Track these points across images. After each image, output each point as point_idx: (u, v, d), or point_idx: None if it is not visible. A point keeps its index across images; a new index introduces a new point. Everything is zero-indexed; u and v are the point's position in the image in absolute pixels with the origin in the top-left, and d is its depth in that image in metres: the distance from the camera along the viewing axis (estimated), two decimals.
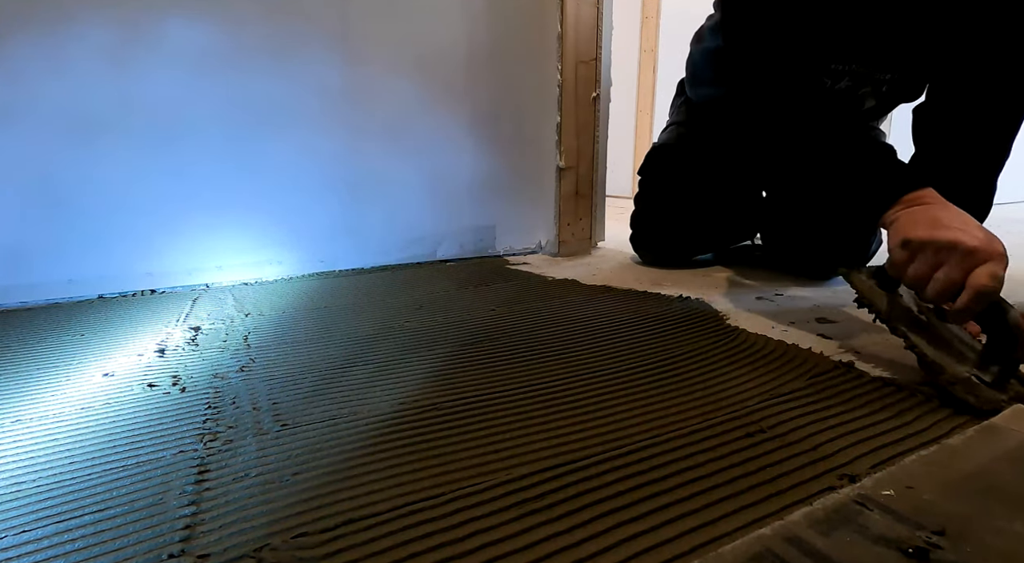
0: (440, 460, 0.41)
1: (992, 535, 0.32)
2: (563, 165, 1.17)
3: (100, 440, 0.45)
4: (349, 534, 0.33)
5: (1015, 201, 2.27)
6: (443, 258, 1.16)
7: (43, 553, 0.32)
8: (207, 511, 0.36)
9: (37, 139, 0.82)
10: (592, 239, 1.27)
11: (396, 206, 1.09)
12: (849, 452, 0.42)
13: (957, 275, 0.50)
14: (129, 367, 0.60)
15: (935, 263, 0.51)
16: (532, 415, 0.48)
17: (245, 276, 0.99)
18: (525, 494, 0.37)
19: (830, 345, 0.65)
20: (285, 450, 0.43)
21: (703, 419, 0.47)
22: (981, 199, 0.78)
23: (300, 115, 0.99)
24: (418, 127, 1.09)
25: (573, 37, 1.13)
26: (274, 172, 0.98)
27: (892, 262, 0.55)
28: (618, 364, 0.59)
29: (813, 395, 0.52)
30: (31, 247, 0.84)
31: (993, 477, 0.37)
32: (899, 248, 0.54)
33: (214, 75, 0.91)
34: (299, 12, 0.96)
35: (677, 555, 0.32)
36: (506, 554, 0.32)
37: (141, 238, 0.91)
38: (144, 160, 0.89)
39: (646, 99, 2.35)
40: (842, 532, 0.32)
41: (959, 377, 0.48)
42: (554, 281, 0.99)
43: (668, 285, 0.94)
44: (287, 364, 0.60)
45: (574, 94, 1.16)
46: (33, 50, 0.80)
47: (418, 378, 0.56)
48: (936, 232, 0.51)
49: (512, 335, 0.69)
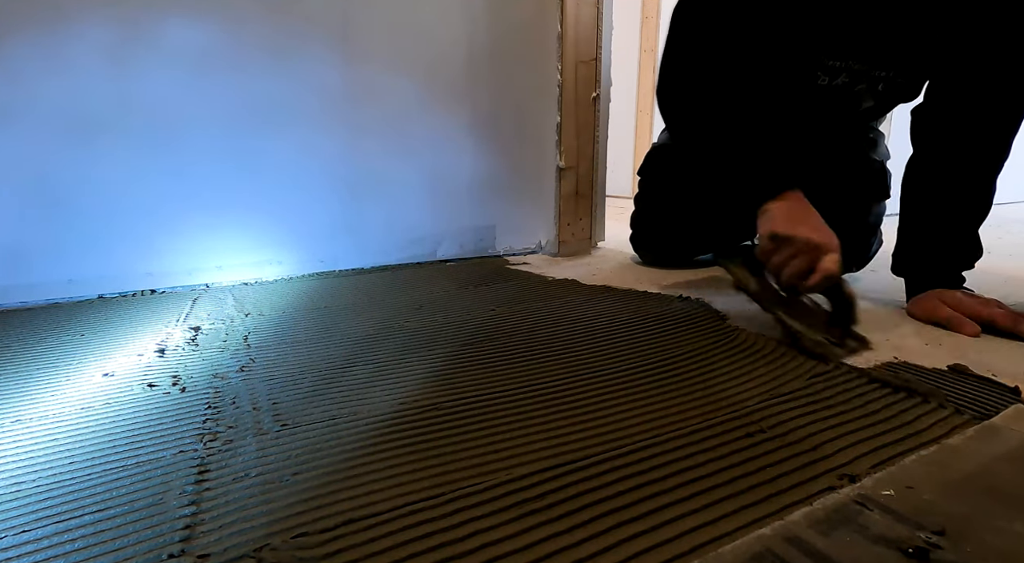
0: (440, 460, 0.41)
1: (992, 535, 0.32)
2: (563, 165, 1.17)
3: (100, 440, 0.45)
4: (349, 534, 0.33)
5: (1015, 201, 2.27)
6: (443, 258, 1.16)
7: (43, 553, 0.32)
8: (207, 511, 0.36)
9: (36, 139, 0.82)
10: (592, 239, 1.27)
11: (396, 206, 1.09)
12: (849, 452, 0.42)
13: (807, 264, 0.64)
14: (129, 367, 0.60)
15: (792, 253, 0.65)
16: (532, 415, 0.48)
17: (245, 276, 0.99)
18: (525, 494, 0.37)
19: None
20: (285, 450, 0.43)
21: (703, 419, 0.47)
22: (980, 199, 0.78)
23: (300, 115, 0.99)
24: (418, 127, 1.09)
25: (573, 37, 1.13)
26: (274, 172, 0.98)
27: (761, 250, 0.68)
28: (618, 364, 0.59)
29: (813, 395, 0.52)
30: (31, 247, 0.84)
31: (993, 477, 0.37)
32: (767, 239, 0.67)
33: (214, 74, 0.91)
34: (299, 12, 0.96)
35: (677, 555, 0.32)
36: (506, 554, 0.32)
37: (141, 238, 0.91)
38: (144, 160, 0.89)
39: (646, 99, 2.35)
40: (842, 532, 0.32)
41: (814, 339, 0.62)
42: (554, 281, 0.99)
43: (668, 285, 0.94)
44: (287, 364, 0.60)
45: (574, 94, 1.16)
46: (32, 49, 0.80)
47: (418, 378, 0.56)
48: (795, 229, 0.65)
49: (512, 335, 0.69)
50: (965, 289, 0.76)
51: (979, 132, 0.76)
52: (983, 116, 0.75)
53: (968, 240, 0.78)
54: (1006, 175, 0.79)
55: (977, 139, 0.76)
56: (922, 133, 0.81)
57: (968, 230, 0.78)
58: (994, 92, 0.74)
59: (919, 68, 0.82)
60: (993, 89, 0.74)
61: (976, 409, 0.48)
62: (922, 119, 0.81)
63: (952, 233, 0.77)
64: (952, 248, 0.78)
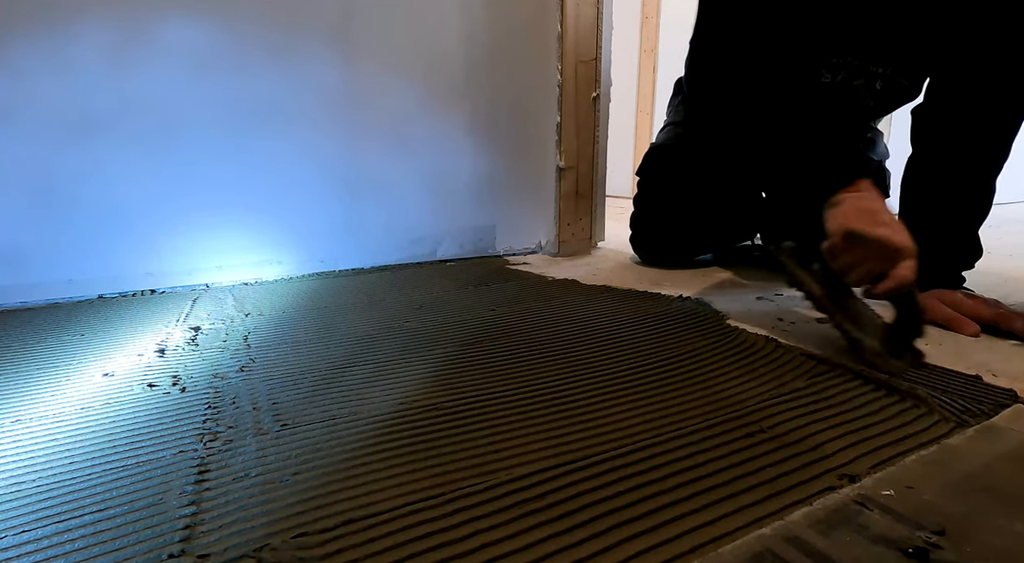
0: (440, 460, 0.41)
1: (992, 535, 0.32)
2: (563, 165, 1.17)
3: (100, 440, 0.45)
4: (349, 534, 0.33)
5: (1015, 201, 2.27)
6: (443, 258, 1.16)
7: (43, 553, 0.32)
8: (207, 511, 0.36)
9: (37, 138, 0.82)
10: (592, 239, 1.27)
11: (396, 206, 1.09)
12: (849, 452, 0.42)
13: (880, 268, 0.59)
14: (129, 367, 0.60)
15: (865, 254, 0.59)
16: (532, 415, 0.48)
17: (245, 276, 0.99)
18: (525, 494, 0.37)
19: (830, 345, 0.65)
20: (285, 450, 0.43)
21: (703, 419, 0.47)
22: (980, 199, 0.78)
23: (300, 115, 0.99)
24: (418, 127, 1.09)
25: (573, 37, 1.13)
26: (274, 172, 0.98)
27: (831, 246, 0.62)
28: (618, 364, 0.59)
29: (813, 395, 0.52)
30: (31, 247, 0.84)
31: (993, 477, 0.37)
32: (841, 237, 0.60)
33: (214, 74, 0.91)
34: (300, 12, 0.96)
35: (677, 555, 0.32)
36: (506, 554, 0.32)
37: (141, 238, 0.91)
38: (144, 160, 0.89)
39: (646, 99, 2.35)
40: (842, 532, 0.32)
41: (875, 351, 0.59)
42: (554, 281, 0.99)
43: (668, 285, 0.94)
44: (287, 364, 0.60)
45: (574, 94, 1.16)
46: (32, 49, 0.80)
47: (418, 378, 0.56)
48: (874, 228, 0.58)
49: (512, 335, 0.69)
50: (965, 289, 0.76)
51: (979, 132, 0.76)
52: (983, 116, 0.75)
53: (968, 240, 0.78)
54: (1006, 175, 0.79)
55: (977, 139, 0.76)
56: (922, 133, 0.81)
57: (968, 230, 0.78)
58: (994, 92, 0.74)
59: (916, 65, 0.82)
60: (993, 89, 0.74)
61: (960, 413, 0.48)
62: (922, 119, 0.81)
63: (952, 233, 0.77)
64: (952, 248, 0.78)
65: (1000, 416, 0.46)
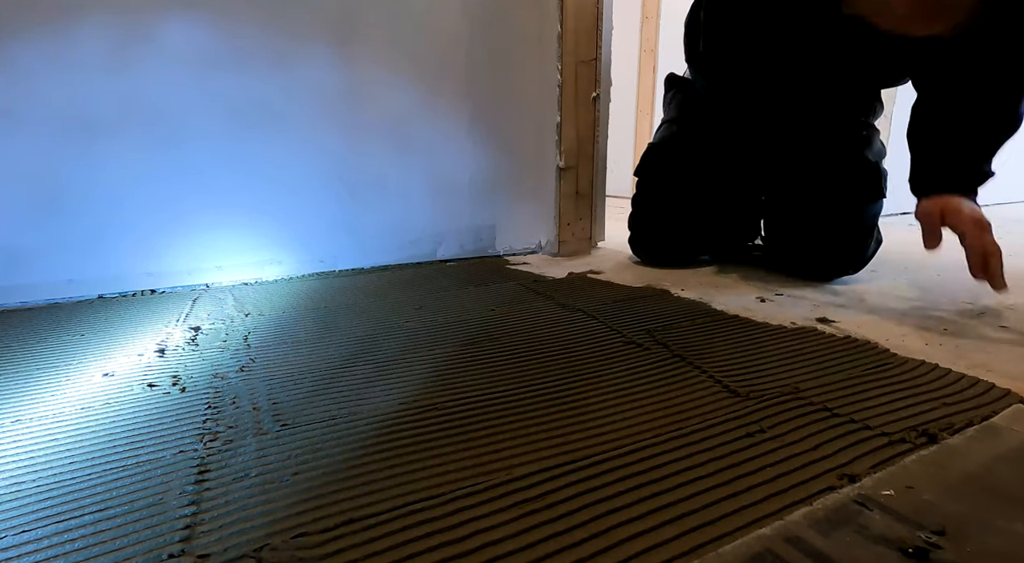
0: (440, 460, 0.41)
1: (992, 535, 0.32)
2: (563, 165, 1.17)
3: (100, 440, 0.45)
4: (349, 534, 0.33)
5: (1015, 201, 2.27)
6: (443, 258, 1.16)
7: (43, 553, 0.32)
8: (207, 511, 0.36)
9: (37, 139, 0.82)
10: (592, 239, 1.26)
11: (396, 206, 1.09)
12: (849, 452, 0.42)
13: None
14: (129, 367, 0.60)
15: None
16: (532, 415, 0.48)
17: (245, 276, 0.99)
18: (525, 494, 0.37)
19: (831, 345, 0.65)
20: (285, 450, 0.43)
21: (703, 419, 0.47)
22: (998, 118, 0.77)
23: (300, 115, 0.99)
24: (418, 127, 1.09)
25: (573, 37, 1.13)
26: (274, 172, 0.98)
27: None
28: (618, 364, 0.59)
29: (813, 395, 0.52)
30: (31, 247, 0.84)
31: (993, 477, 0.37)
32: None
33: (215, 75, 0.91)
34: (300, 12, 0.96)
35: (677, 555, 0.32)
36: (506, 554, 0.32)
37: (141, 238, 0.91)
38: (144, 160, 0.89)
39: (646, 99, 2.35)
40: (842, 532, 0.32)
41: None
42: (554, 281, 0.99)
43: (668, 285, 0.94)
44: (287, 364, 0.60)
45: (574, 94, 1.16)
46: (33, 50, 0.80)
47: (418, 378, 0.56)
48: None
49: (512, 335, 0.69)
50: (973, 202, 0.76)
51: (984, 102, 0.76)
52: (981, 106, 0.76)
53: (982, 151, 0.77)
54: (1006, 175, 0.79)
55: (983, 105, 0.76)
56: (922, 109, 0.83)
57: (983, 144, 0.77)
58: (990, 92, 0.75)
59: None
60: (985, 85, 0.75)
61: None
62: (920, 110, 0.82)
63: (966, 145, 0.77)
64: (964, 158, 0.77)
65: (1000, 416, 0.46)
